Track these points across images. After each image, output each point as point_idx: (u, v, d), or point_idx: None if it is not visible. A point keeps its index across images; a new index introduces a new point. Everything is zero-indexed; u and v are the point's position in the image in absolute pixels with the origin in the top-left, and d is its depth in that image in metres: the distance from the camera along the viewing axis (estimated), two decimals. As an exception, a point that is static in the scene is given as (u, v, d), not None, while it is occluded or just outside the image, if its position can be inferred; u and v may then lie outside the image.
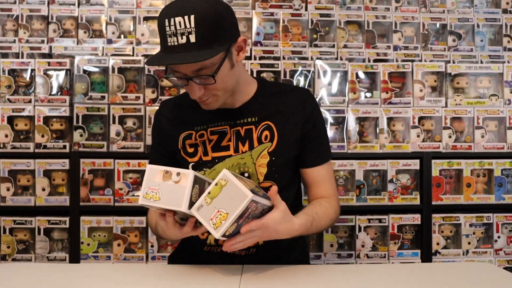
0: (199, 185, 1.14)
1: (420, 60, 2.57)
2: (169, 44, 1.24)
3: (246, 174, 1.41)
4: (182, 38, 1.21)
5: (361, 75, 2.46)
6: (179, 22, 1.21)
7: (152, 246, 2.35)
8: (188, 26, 1.21)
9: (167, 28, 1.23)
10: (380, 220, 2.40)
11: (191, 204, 1.12)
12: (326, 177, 1.49)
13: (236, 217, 1.09)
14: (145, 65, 2.39)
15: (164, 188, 1.12)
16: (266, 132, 1.42)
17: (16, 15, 2.53)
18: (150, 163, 1.54)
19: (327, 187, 1.49)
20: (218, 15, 1.25)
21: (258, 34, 2.56)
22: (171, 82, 1.41)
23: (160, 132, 1.52)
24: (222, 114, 1.44)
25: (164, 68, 1.52)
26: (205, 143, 1.43)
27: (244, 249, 1.44)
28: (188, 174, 1.11)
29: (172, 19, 1.22)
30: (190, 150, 1.45)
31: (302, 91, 1.51)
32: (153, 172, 1.13)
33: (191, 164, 1.44)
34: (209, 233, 1.46)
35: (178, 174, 1.11)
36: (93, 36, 2.55)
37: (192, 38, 1.21)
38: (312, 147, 1.46)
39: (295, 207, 1.43)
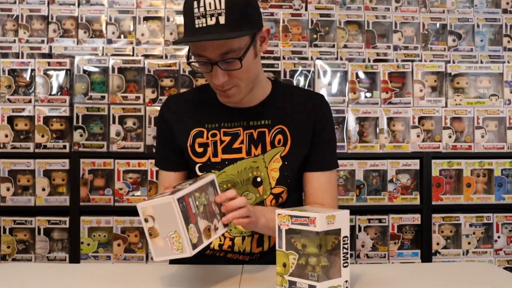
0: (191, 222, 1.06)
1: (420, 60, 2.57)
2: (197, 26, 1.20)
3: (258, 179, 1.39)
4: (211, 19, 1.19)
5: (361, 75, 2.47)
6: (209, 3, 1.19)
7: (152, 246, 2.35)
8: (218, 7, 1.19)
9: (196, 10, 1.20)
10: (380, 220, 2.40)
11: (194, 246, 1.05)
12: (327, 185, 1.42)
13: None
14: (145, 65, 2.39)
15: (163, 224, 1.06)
16: (279, 136, 1.39)
17: (16, 15, 2.53)
18: (157, 162, 1.51)
19: (325, 196, 1.41)
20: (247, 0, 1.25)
21: (258, 34, 2.55)
22: (193, 68, 1.37)
23: (168, 128, 1.45)
24: (235, 113, 1.40)
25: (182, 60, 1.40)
26: (216, 144, 1.40)
27: (248, 254, 1.43)
28: (170, 200, 1.02)
29: (201, 0, 1.19)
30: (199, 149, 1.41)
31: (317, 96, 1.48)
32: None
33: (197, 165, 1.40)
34: None
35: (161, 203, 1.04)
36: (93, 36, 2.55)
37: (222, 20, 1.19)
38: (317, 151, 1.42)
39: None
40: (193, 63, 1.31)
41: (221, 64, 1.24)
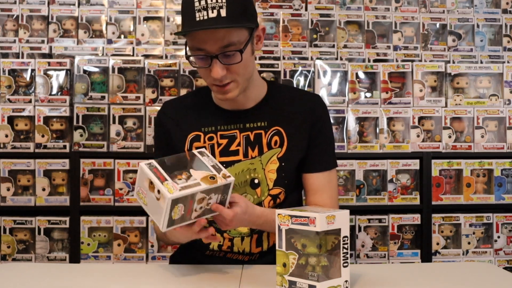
0: (184, 203, 1.09)
1: (420, 60, 2.57)
2: (198, 19, 1.23)
3: (256, 181, 1.39)
4: (212, 12, 1.22)
5: (361, 75, 2.47)
6: None
7: (152, 246, 2.35)
8: (220, 0, 1.22)
9: (196, 4, 1.23)
10: (380, 220, 2.40)
11: (171, 222, 1.09)
12: (326, 186, 1.42)
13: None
14: (145, 65, 2.39)
15: (149, 197, 1.11)
16: (276, 138, 1.40)
17: (16, 15, 2.53)
18: None
19: (324, 197, 1.42)
20: None
21: (258, 34, 2.56)
22: (191, 64, 1.38)
23: (165, 133, 1.47)
24: (231, 115, 1.41)
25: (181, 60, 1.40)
26: (214, 147, 1.41)
27: (247, 254, 1.44)
28: (165, 198, 1.06)
29: None
30: None
31: (313, 97, 1.49)
32: (143, 176, 1.12)
33: None
34: None
35: (158, 191, 1.08)
36: (93, 36, 2.55)
37: (223, 13, 1.22)
38: (315, 152, 1.42)
39: None
40: (191, 58, 1.32)
41: (220, 58, 1.26)
